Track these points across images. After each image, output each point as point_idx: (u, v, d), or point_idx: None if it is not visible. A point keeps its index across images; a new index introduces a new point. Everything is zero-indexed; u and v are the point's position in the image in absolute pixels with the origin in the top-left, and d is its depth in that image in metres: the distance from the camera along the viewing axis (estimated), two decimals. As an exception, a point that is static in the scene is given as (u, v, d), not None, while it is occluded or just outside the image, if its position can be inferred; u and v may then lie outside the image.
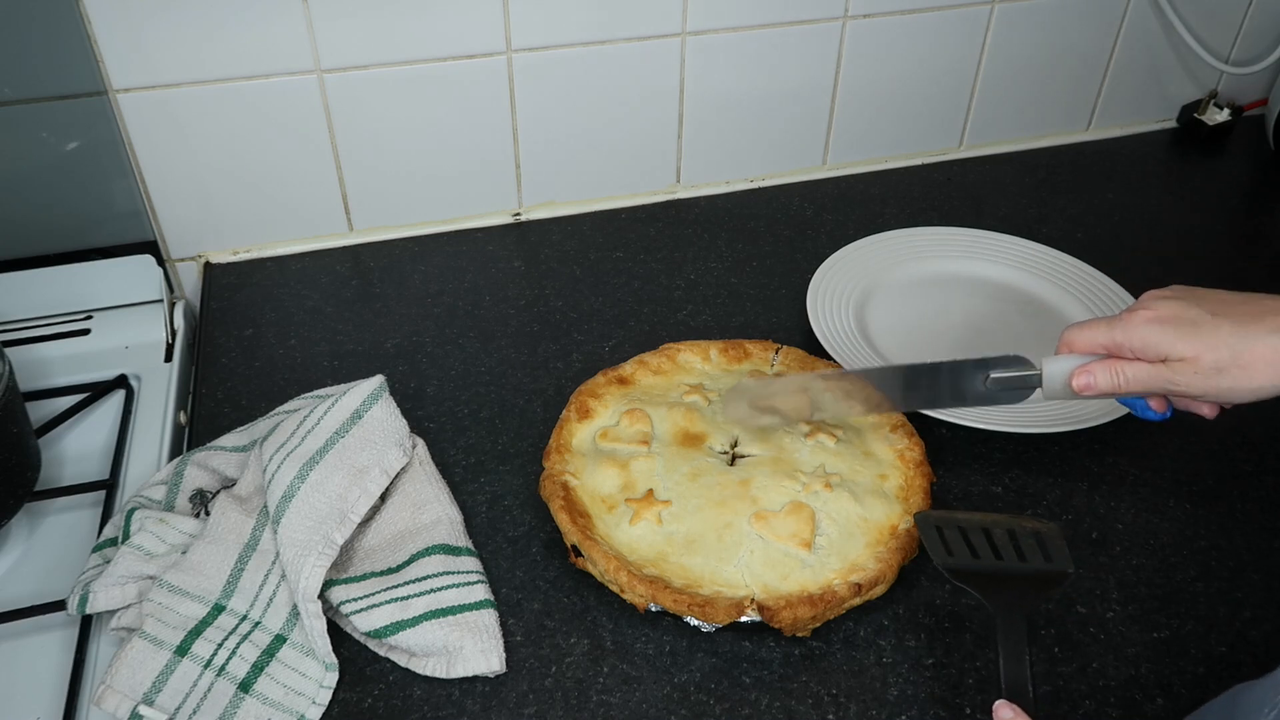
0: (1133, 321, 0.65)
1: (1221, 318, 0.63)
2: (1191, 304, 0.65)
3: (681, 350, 0.86)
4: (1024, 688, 0.58)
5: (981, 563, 0.65)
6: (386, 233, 1.07)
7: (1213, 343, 0.62)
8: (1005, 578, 0.64)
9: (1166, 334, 0.64)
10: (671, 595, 0.66)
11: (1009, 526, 0.68)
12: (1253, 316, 0.62)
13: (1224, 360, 0.62)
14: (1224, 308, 0.63)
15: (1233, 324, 0.62)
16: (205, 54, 0.92)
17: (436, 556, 0.70)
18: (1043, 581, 0.65)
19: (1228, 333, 0.62)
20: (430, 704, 0.65)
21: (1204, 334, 0.63)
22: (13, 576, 0.74)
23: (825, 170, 1.19)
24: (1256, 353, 0.61)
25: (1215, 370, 0.62)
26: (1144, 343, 0.65)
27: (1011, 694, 0.58)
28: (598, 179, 1.11)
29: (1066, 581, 0.65)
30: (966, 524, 0.68)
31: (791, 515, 0.72)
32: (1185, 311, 0.64)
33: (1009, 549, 0.66)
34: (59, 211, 0.95)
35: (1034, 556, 0.66)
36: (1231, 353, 0.62)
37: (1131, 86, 1.25)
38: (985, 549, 0.66)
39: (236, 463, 0.77)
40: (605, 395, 0.82)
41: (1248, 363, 0.61)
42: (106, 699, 0.62)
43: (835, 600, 0.67)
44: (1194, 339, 0.63)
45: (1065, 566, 0.65)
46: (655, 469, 0.75)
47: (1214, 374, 0.62)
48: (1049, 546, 0.66)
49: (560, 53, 1.01)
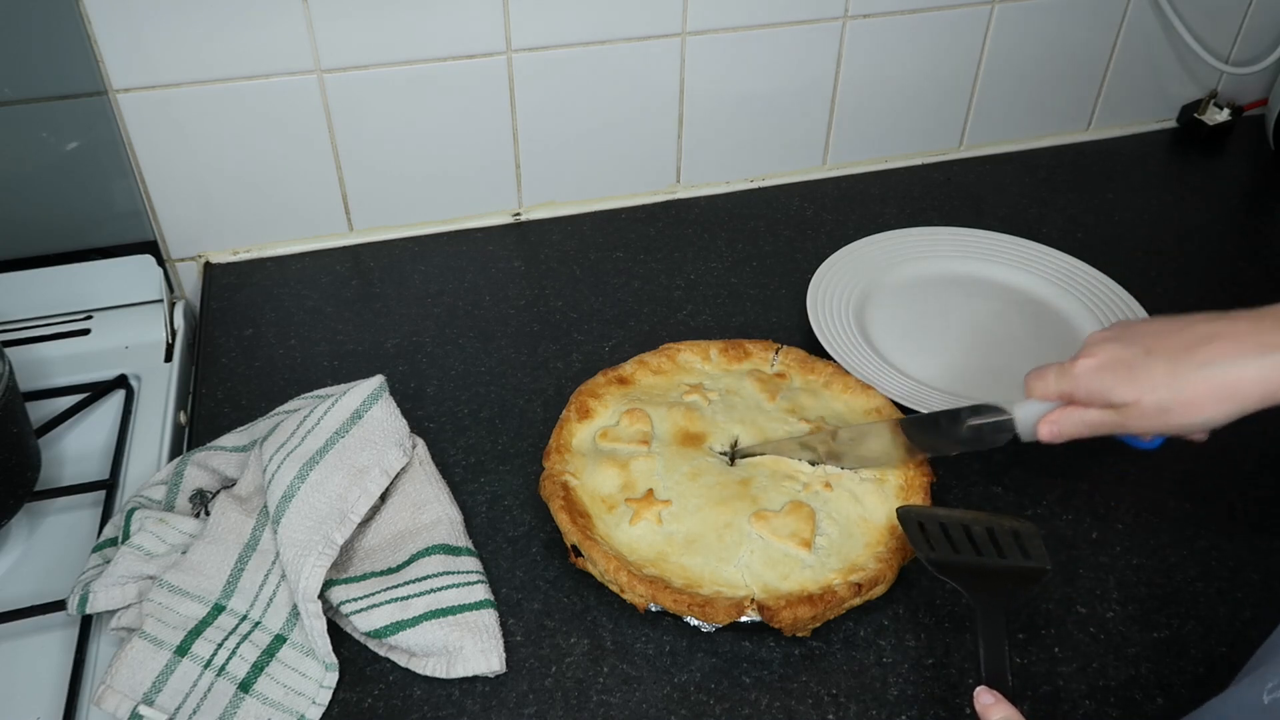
0: (1075, 371, 0.65)
1: (1156, 356, 0.62)
2: (1128, 343, 0.64)
3: (681, 350, 0.86)
4: (1003, 676, 0.60)
5: (963, 557, 0.67)
6: (386, 233, 1.07)
7: (1150, 385, 0.62)
8: (985, 572, 0.66)
9: (1105, 380, 0.63)
10: (671, 595, 0.66)
11: (988, 524, 0.69)
12: (1185, 349, 0.61)
13: (1165, 400, 0.61)
14: (1159, 342, 0.63)
15: (1166, 362, 0.61)
16: (205, 54, 0.92)
17: (436, 556, 0.70)
18: (1021, 577, 0.66)
19: (1162, 373, 0.61)
20: (430, 704, 0.65)
21: (1139, 377, 0.62)
22: (13, 576, 0.74)
23: (825, 170, 1.19)
24: (1194, 389, 0.60)
25: (1160, 411, 0.62)
26: (1088, 391, 0.65)
27: (991, 681, 0.59)
28: (598, 179, 1.11)
29: (1044, 578, 0.66)
30: (947, 520, 0.69)
31: (791, 515, 0.72)
32: (1122, 353, 0.63)
33: (988, 546, 0.68)
34: (59, 211, 0.95)
35: (1012, 553, 0.67)
36: (1170, 392, 0.61)
37: (1131, 86, 1.25)
38: (965, 545, 0.68)
39: (236, 463, 0.77)
40: (605, 395, 0.82)
41: (1188, 399, 0.61)
42: (106, 699, 0.62)
43: (835, 600, 0.67)
44: (1131, 384, 0.62)
45: (1043, 564, 0.66)
46: (655, 469, 0.75)
47: (1159, 414, 0.62)
48: (1027, 545, 0.68)
49: (560, 53, 1.01)
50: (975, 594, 0.64)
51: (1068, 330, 0.94)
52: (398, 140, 1.02)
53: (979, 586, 0.65)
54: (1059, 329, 0.95)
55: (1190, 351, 0.61)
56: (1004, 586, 0.65)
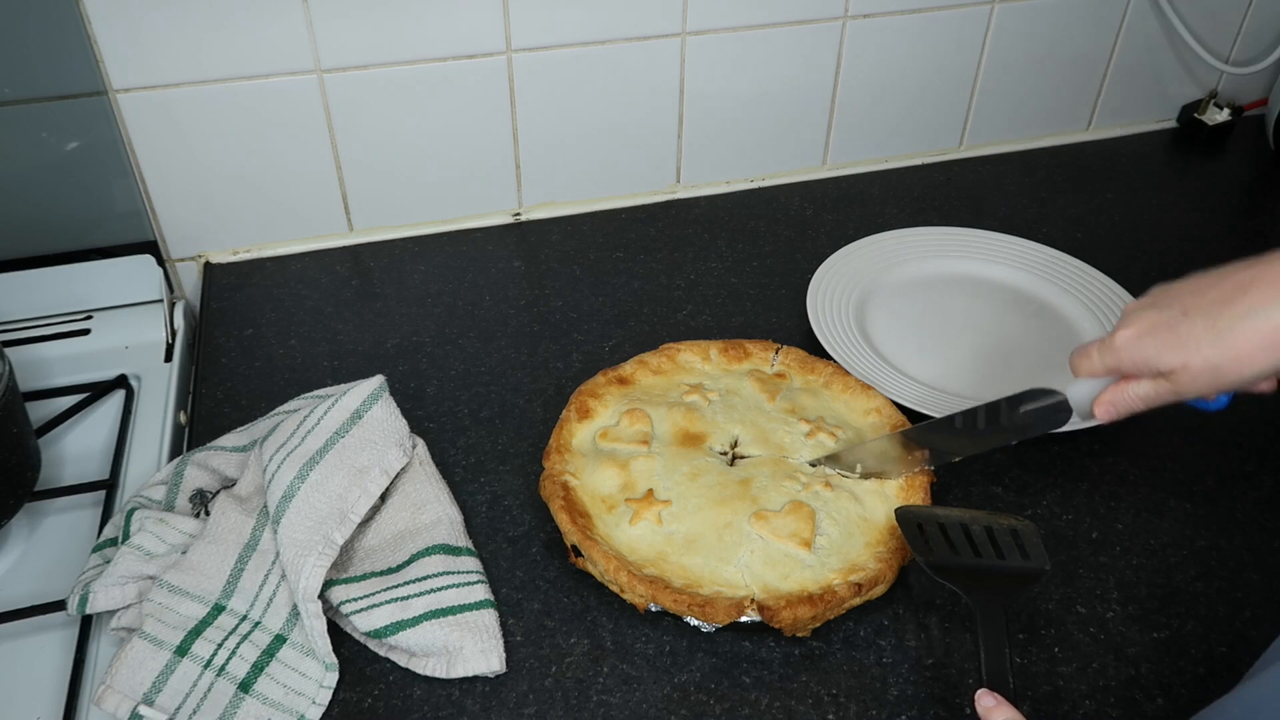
0: (1116, 343, 0.63)
1: (1194, 314, 0.59)
2: (1164, 307, 0.61)
3: (681, 350, 0.86)
4: (1004, 678, 0.60)
5: (961, 559, 0.67)
6: (386, 233, 1.07)
7: (1194, 345, 0.59)
8: (984, 574, 0.66)
9: (1147, 347, 0.61)
10: (671, 595, 0.66)
11: (986, 523, 0.69)
12: (1223, 302, 0.58)
13: (1213, 359, 0.58)
14: (1195, 299, 0.60)
15: (1205, 319, 0.58)
16: (205, 54, 0.92)
17: (436, 556, 0.70)
18: (1020, 578, 0.66)
19: (1203, 330, 0.58)
20: (430, 704, 0.65)
21: (1182, 339, 0.59)
22: (13, 576, 0.74)
23: (825, 170, 1.19)
24: (1239, 343, 0.57)
25: (1211, 370, 0.59)
26: (1133, 362, 0.62)
27: (992, 683, 0.59)
28: (598, 179, 1.11)
29: (1043, 578, 0.66)
30: (946, 520, 0.69)
31: (791, 515, 0.72)
32: (1159, 318, 0.61)
33: (987, 546, 0.67)
34: (59, 211, 0.95)
35: (1011, 554, 0.67)
36: (1215, 350, 0.58)
37: (1131, 86, 1.25)
38: (964, 545, 0.67)
39: (236, 463, 0.77)
40: (605, 395, 0.82)
41: (1235, 354, 0.57)
42: (106, 699, 0.62)
43: (835, 600, 0.67)
44: (1176, 348, 0.59)
45: (1042, 564, 0.66)
46: (655, 469, 0.75)
47: (1211, 374, 0.59)
48: (1026, 544, 0.67)
49: (560, 53, 1.01)
50: (974, 595, 0.64)
51: (1068, 330, 0.94)
52: (398, 140, 1.02)
53: (977, 588, 0.64)
54: (1059, 329, 0.95)
55: (1228, 304, 0.58)
56: (1003, 587, 0.65)
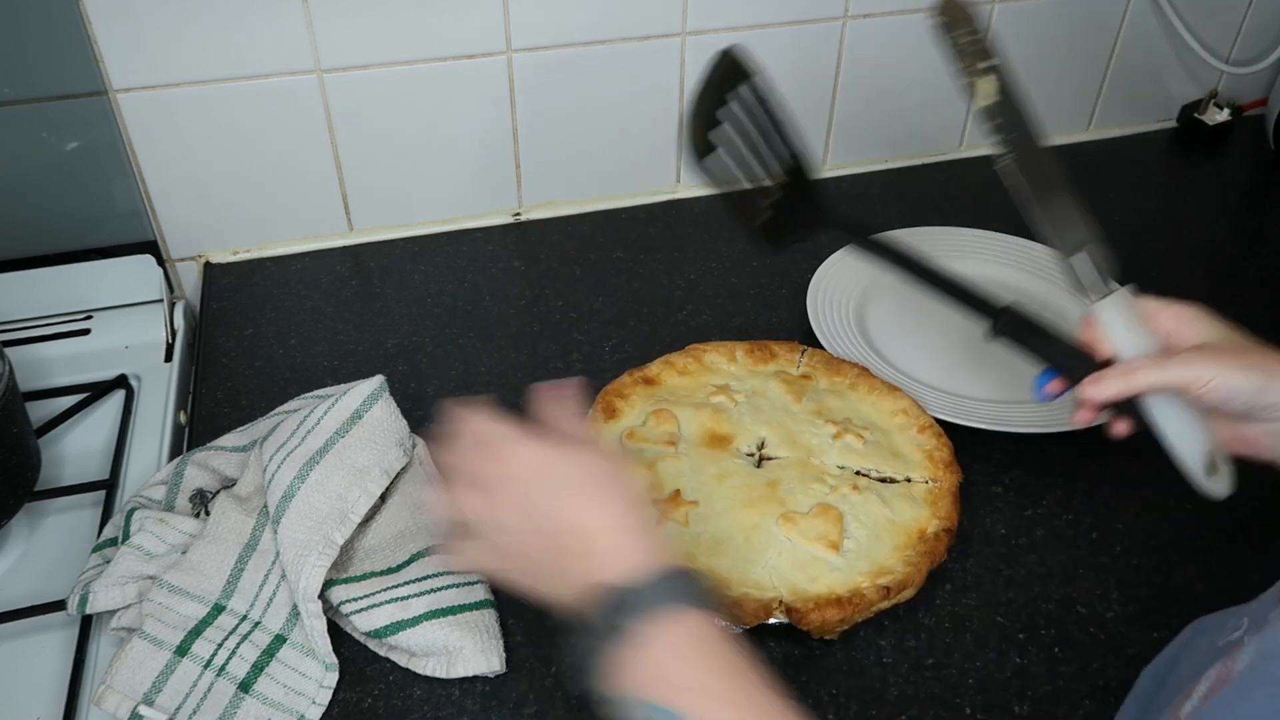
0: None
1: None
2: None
3: (708, 351, 0.86)
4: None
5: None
6: (386, 233, 1.07)
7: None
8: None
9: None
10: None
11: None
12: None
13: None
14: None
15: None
16: (205, 54, 0.92)
17: (437, 556, 0.70)
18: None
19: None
20: (430, 704, 0.65)
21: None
22: (13, 576, 0.74)
23: (825, 170, 1.19)
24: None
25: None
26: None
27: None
28: (598, 179, 1.11)
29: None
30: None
31: (819, 517, 0.72)
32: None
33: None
34: (59, 211, 0.95)
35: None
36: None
37: (1131, 86, 1.25)
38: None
39: (236, 463, 0.77)
40: (631, 395, 0.82)
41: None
42: (106, 699, 0.62)
43: (864, 603, 0.67)
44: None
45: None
46: (682, 470, 0.75)
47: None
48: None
49: (560, 53, 1.01)
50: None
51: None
52: (398, 140, 1.02)
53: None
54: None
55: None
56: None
